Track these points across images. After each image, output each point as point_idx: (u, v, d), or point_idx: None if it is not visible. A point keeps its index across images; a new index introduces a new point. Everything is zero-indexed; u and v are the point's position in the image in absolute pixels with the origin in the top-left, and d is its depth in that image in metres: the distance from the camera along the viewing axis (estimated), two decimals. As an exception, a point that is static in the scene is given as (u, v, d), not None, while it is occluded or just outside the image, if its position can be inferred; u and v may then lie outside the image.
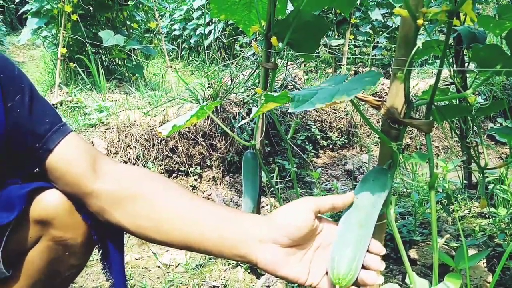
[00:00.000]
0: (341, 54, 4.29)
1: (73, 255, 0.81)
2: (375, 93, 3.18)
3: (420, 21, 0.65)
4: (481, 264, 1.36)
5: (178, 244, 0.74)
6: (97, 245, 0.83)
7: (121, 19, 4.18)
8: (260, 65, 1.31)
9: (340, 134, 2.90)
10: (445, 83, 2.04)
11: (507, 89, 3.11)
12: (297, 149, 2.51)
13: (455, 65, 1.70)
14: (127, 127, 2.27)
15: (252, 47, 3.93)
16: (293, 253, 0.69)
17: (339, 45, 4.35)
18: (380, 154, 0.86)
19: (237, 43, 5.58)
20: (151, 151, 2.24)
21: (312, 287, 0.69)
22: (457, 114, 1.38)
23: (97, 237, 0.81)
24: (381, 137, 0.80)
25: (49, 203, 0.76)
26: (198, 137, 2.29)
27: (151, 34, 4.80)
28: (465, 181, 2.02)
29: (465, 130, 1.77)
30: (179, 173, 2.29)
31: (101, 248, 0.83)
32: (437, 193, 1.67)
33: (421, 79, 3.40)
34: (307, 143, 2.64)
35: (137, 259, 1.68)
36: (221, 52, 5.53)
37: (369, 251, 0.69)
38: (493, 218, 1.62)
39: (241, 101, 2.42)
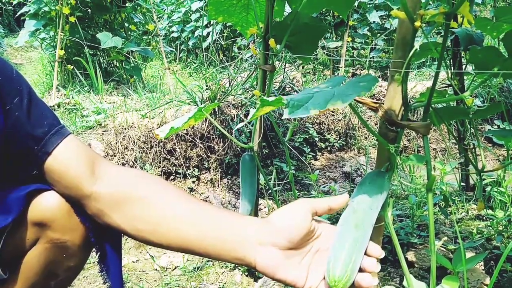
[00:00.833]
0: (339, 56, 4.30)
1: (71, 258, 0.80)
2: (373, 95, 3.19)
3: (417, 23, 0.65)
4: (478, 266, 1.36)
5: (176, 246, 0.74)
6: (95, 248, 0.83)
7: (119, 21, 4.17)
8: (258, 67, 1.31)
9: (338, 136, 2.91)
10: (443, 85, 2.04)
11: (505, 92, 3.12)
12: (295, 151, 2.51)
13: (452, 67, 1.71)
14: (125, 129, 2.27)
15: (250, 49, 3.93)
16: (292, 256, 0.68)
17: (337, 47, 4.35)
18: (377, 156, 0.86)
19: (235, 45, 5.58)
20: (149, 153, 2.23)
21: (310, 291, 0.69)
22: (454, 116, 1.39)
23: (95, 239, 0.81)
24: (378, 139, 0.80)
25: (47, 205, 0.75)
26: (196, 139, 2.28)
27: (149, 36, 4.80)
28: (462, 184, 2.02)
29: (462, 132, 1.77)
30: (177, 175, 2.28)
31: (98, 250, 0.83)
32: (435, 195, 1.68)
33: (418, 81, 3.40)
34: (305, 145, 2.64)
35: (134, 262, 1.68)
36: (219, 54, 5.53)
37: (368, 254, 0.69)
38: (491, 220, 1.62)
39: (239, 103, 2.42)
